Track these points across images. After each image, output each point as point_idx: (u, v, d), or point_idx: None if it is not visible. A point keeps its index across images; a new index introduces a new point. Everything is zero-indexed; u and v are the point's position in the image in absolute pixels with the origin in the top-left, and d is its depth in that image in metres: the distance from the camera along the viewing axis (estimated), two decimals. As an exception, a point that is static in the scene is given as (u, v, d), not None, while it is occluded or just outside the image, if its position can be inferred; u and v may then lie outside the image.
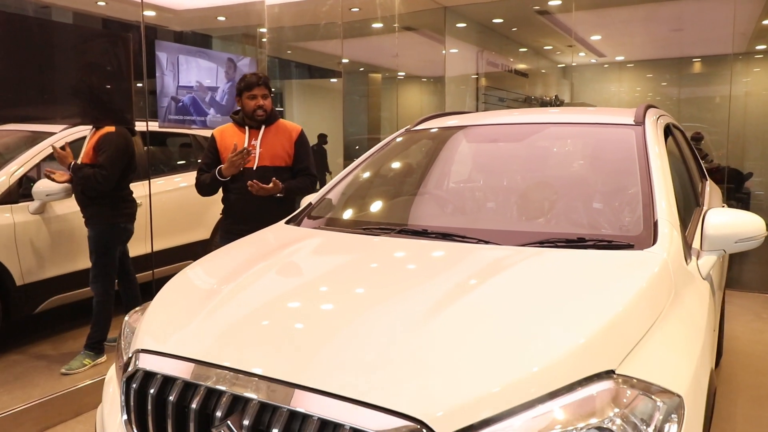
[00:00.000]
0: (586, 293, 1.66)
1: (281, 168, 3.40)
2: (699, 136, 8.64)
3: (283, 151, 3.41)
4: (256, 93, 3.33)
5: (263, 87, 3.35)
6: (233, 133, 3.42)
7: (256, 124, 3.39)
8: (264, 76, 3.40)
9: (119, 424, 1.68)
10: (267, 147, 3.37)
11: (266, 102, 3.36)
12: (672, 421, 1.36)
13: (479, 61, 9.36)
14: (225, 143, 3.39)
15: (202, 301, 1.83)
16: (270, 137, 3.40)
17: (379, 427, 1.26)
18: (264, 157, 3.36)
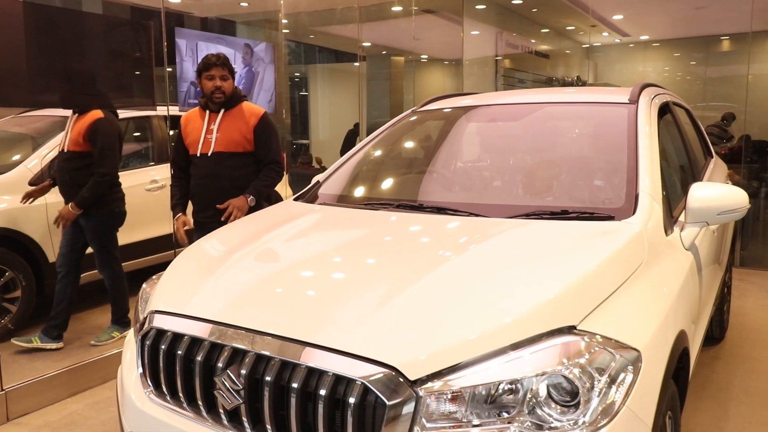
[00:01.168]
0: (559, 257, 1.79)
1: (238, 154, 3.23)
2: (730, 115, 8.48)
3: (240, 137, 3.22)
4: (214, 73, 3.16)
5: (222, 68, 3.17)
6: (196, 117, 3.29)
7: (215, 107, 3.23)
8: (223, 56, 3.22)
9: (135, 378, 1.87)
10: (224, 132, 3.21)
11: (225, 84, 3.18)
12: (627, 372, 1.49)
13: (498, 42, 9.35)
14: (187, 130, 3.29)
15: (211, 267, 2.01)
16: (229, 121, 3.23)
17: (358, 374, 1.42)
18: (220, 142, 3.19)
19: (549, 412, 1.41)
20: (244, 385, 1.53)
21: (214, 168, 3.19)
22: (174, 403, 1.72)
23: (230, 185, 3.19)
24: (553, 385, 1.43)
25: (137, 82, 3.95)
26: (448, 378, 1.41)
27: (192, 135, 3.25)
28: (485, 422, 1.40)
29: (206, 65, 3.17)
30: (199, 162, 3.22)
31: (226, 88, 3.19)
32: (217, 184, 3.19)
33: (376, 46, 11.28)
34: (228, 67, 3.21)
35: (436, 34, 9.66)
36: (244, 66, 4.82)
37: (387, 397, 1.38)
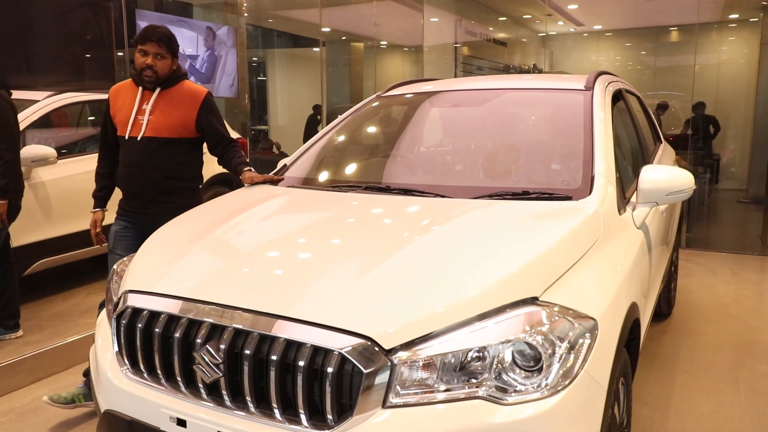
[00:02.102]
0: (521, 234, 1.90)
1: (173, 141, 2.85)
2: (664, 104, 8.89)
3: (178, 122, 2.85)
4: (148, 49, 2.78)
5: (159, 44, 2.78)
6: (127, 91, 2.91)
7: (150, 85, 2.85)
8: (165, 31, 2.82)
9: (111, 357, 1.90)
10: (159, 115, 2.83)
11: (160, 63, 2.79)
12: (585, 339, 1.61)
13: (458, 30, 9.48)
14: (116, 104, 2.90)
15: (183, 248, 2.04)
16: (165, 103, 2.85)
17: (336, 345, 1.49)
18: (153, 126, 2.82)
19: (514, 376, 1.52)
20: (224, 359, 1.58)
21: (143, 155, 2.82)
22: (152, 379, 1.76)
23: (161, 175, 2.85)
24: (517, 352, 1.54)
25: (96, 65, 3.87)
26: (420, 347, 1.50)
27: (121, 113, 2.87)
28: (455, 387, 1.50)
29: (143, 37, 2.79)
30: (127, 146, 2.86)
31: (159, 68, 2.79)
32: (145, 174, 2.84)
33: (336, 31, 11.24)
34: (167, 46, 2.81)
35: (396, 20, 9.70)
36: (206, 49, 4.77)
37: (363, 366, 1.45)
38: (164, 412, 1.68)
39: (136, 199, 2.92)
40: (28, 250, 4.27)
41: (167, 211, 2.79)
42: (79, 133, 5.15)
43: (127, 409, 1.78)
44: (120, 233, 2.95)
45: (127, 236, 2.94)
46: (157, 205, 2.89)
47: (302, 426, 1.51)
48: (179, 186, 2.93)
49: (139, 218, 2.93)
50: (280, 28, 12.38)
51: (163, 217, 2.76)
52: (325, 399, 1.48)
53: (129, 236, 2.94)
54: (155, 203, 2.90)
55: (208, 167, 5.82)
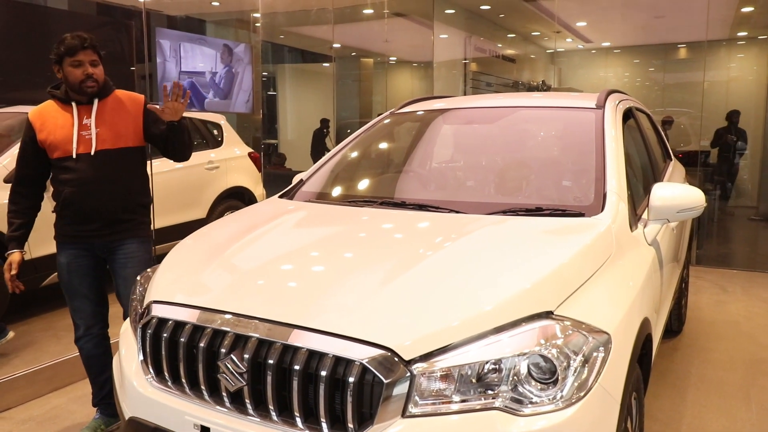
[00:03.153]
0: (536, 249, 1.95)
1: (128, 150, 2.72)
2: (669, 119, 8.95)
3: (127, 129, 2.71)
4: (81, 59, 2.58)
5: (90, 51, 2.60)
6: (56, 112, 2.66)
7: (85, 98, 2.65)
8: (90, 37, 2.63)
9: (136, 365, 1.95)
10: (107, 125, 2.66)
11: (97, 70, 2.63)
12: (599, 352, 1.65)
13: (467, 46, 9.59)
14: (46, 127, 2.64)
15: (206, 259, 2.10)
16: (107, 113, 2.68)
17: (357, 355, 1.53)
18: (104, 138, 2.65)
19: (529, 388, 1.56)
20: (247, 368, 1.63)
21: (101, 170, 2.63)
22: (176, 387, 1.81)
23: (122, 190, 2.70)
24: (533, 365, 1.58)
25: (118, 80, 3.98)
26: (439, 358, 1.54)
27: (57, 134, 2.63)
28: (472, 398, 1.54)
29: (72, 48, 2.57)
30: (77, 165, 2.62)
31: (98, 75, 2.63)
32: (105, 190, 2.65)
33: (346, 47, 11.39)
34: (97, 51, 2.65)
35: (406, 36, 9.84)
36: (223, 66, 4.88)
37: (384, 376, 1.50)
38: (188, 420, 1.72)
39: (90, 222, 2.67)
40: (47, 261, 4.35)
41: (126, 229, 2.72)
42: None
43: (151, 416, 1.83)
44: (74, 264, 2.72)
45: (82, 265, 2.74)
46: (117, 224, 2.71)
47: (324, 435, 1.55)
48: (138, 202, 2.78)
49: (94, 242, 2.71)
50: (291, 43, 12.55)
51: (122, 237, 2.71)
52: (346, 408, 1.53)
53: (84, 265, 2.74)
54: (114, 223, 2.70)
55: (219, 181, 5.98)
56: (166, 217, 5.26)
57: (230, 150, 6.25)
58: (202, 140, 6.09)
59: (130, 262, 2.75)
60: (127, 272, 2.74)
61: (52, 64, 2.63)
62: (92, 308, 2.81)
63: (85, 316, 2.81)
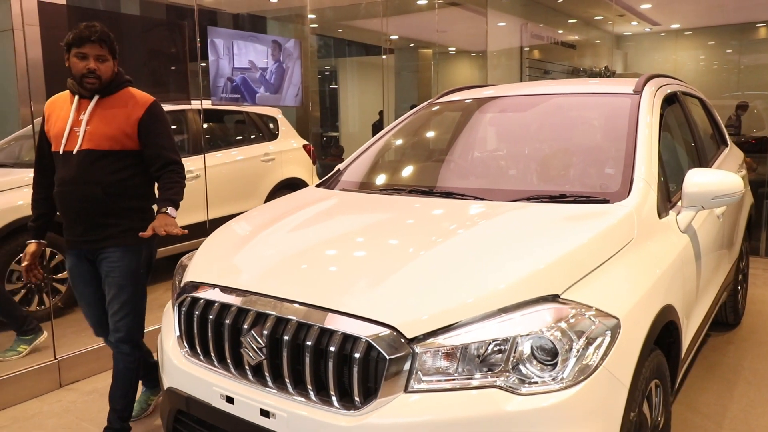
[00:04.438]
0: (550, 234, 1.97)
1: (113, 153, 2.51)
2: (744, 104, 8.48)
3: (118, 131, 2.51)
4: (87, 51, 2.43)
5: (99, 45, 2.44)
6: (63, 103, 2.56)
7: (87, 93, 2.51)
8: (104, 31, 2.47)
9: (173, 341, 2.12)
10: (97, 124, 2.49)
11: (103, 66, 2.46)
12: (606, 336, 1.66)
13: (523, 33, 9.42)
14: (52, 118, 2.56)
15: (238, 245, 2.24)
16: (105, 111, 2.52)
17: (362, 333, 1.62)
18: (91, 137, 2.48)
19: (531, 369, 1.60)
20: (266, 344, 1.76)
21: (80, 171, 2.47)
22: (206, 361, 1.96)
23: (102, 192, 2.49)
24: (535, 346, 1.62)
25: (173, 78, 4.20)
26: (442, 337, 1.61)
27: (56, 126, 2.52)
28: (474, 376, 1.60)
29: (78, 39, 2.43)
30: (62, 162, 2.50)
31: (102, 72, 2.47)
32: (84, 192, 2.48)
33: (404, 38, 11.44)
34: (109, 46, 2.49)
35: (460, 26, 9.77)
36: (274, 62, 5.06)
37: (387, 352, 1.58)
38: (215, 390, 1.87)
39: (75, 226, 2.54)
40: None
41: (111, 236, 2.54)
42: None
43: (185, 386, 1.99)
44: (74, 270, 2.64)
45: (83, 271, 2.62)
46: (100, 229, 2.53)
47: (333, 407, 1.65)
48: (127, 206, 2.56)
49: (81, 248, 2.57)
50: (350, 37, 12.72)
51: (105, 244, 2.54)
52: (352, 382, 1.62)
53: (85, 271, 2.62)
54: (98, 228, 2.53)
55: (275, 173, 6.19)
56: (223, 207, 5.50)
57: (286, 142, 6.46)
58: (259, 134, 6.33)
59: (113, 272, 2.55)
60: (110, 281, 2.57)
61: (64, 53, 2.49)
62: (99, 317, 2.70)
63: (94, 323, 2.74)
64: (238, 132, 6.49)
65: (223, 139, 6.27)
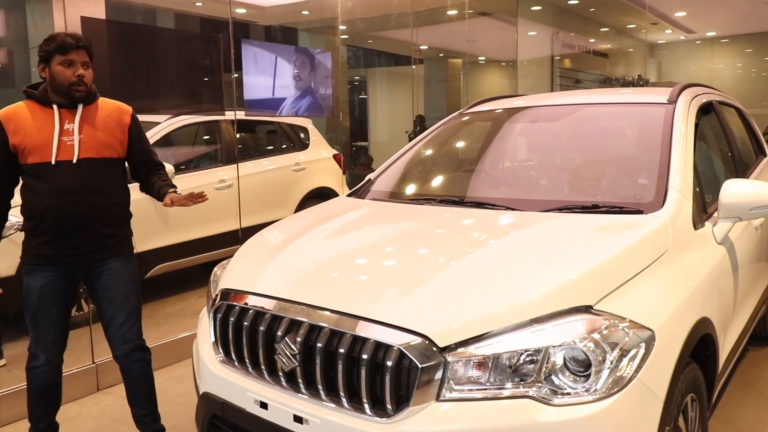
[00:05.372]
0: (583, 244, 1.96)
1: (110, 160, 2.54)
2: None
3: (112, 138, 2.54)
4: (74, 58, 2.41)
5: (84, 51, 2.44)
6: (32, 114, 2.45)
7: (69, 102, 2.47)
8: (86, 38, 2.47)
9: (208, 346, 2.17)
10: (91, 132, 2.49)
11: (88, 74, 2.45)
12: (640, 348, 1.64)
13: (554, 43, 9.37)
14: (20, 130, 2.42)
15: (271, 254, 2.28)
16: (92, 120, 2.50)
17: (394, 341, 1.64)
18: (87, 146, 2.47)
19: (564, 380, 1.60)
20: (300, 351, 1.79)
21: (84, 180, 2.45)
22: (240, 367, 2.00)
23: (105, 202, 2.51)
24: (568, 357, 1.61)
25: (207, 90, 4.30)
26: (474, 347, 1.62)
27: (34, 137, 2.42)
28: (506, 386, 1.60)
29: (65, 46, 2.40)
30: (56, 173, 2.43)
31: (88, 79, 2.46)
32: (89, 202, 2.46)
33: (433, 48, 11.47)
34: (90, 53, 2.48)
35: (491, 36, 9.77)
36: (304, 72, 5.14)
37: (420, 361, 1.60)
38: (249, 396, 1.91)
39: (71, 238, 2.46)
40: (148, 255, 4.80)
41: (111, 246, 2.54)
42: (194, 151, 5.70)
43: (220, 392, 2.03)
44: (47, 288, 2.49)
45: (56, 289, 2.51)
46: (100, 240, 2.51)
47: (366, 414, 1.67)
48: (123, 214, 2.61)
49: (72, 261, 2.50)
50: (379, 48, 12.81)
51: (105, 254, 2.52)
52: (384, 390, 1.64)
53: (59, 289, 2.51)
54: (98, 238, 2.51)
55: (305, 182, 6.27)
56: (255, 216, 5.59)
57: (316, 152, 6.54)
58: (290, 143, 6.42)
59: (116, 283, 2.56)
60: (112, 293, 2.56)
61: (38, 62, 2.44)
62: (56, 337, 2.56)
63: (48, 346, 2.55)
64: (270, 142, 6.60)
65: (255, 149, 6.38)
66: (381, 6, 8.39)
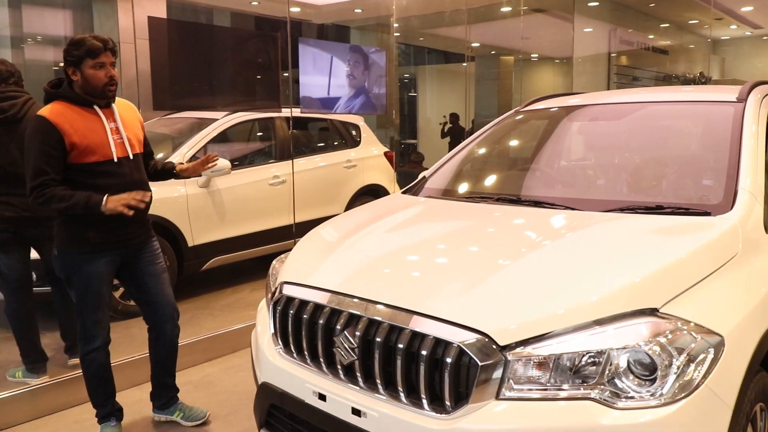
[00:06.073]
0: (648, 246, 1.91)
1: (141, 155, 2.80)
2: None
3: (141, 134, 2.82)
4: (104, 60, 2.55)
5: (110, 53, 2.58)
6: (78, 114, 2.57)
7: (104, 102, 2.63)
8: (111, 40, 2.61)
9: (268, 338, 2.22)
10: (130, 130, 2.72)
11: (115, 72, 2.62)
12: (708, 354, 1.59)
13: (611, 39, 9.13)
14: (76, 130, 2.53)
15: (330, 248, 2.32)
16: (123, 118, 2.71)
17: (455, 338, 1.64)
18: (132, 142, 2.71)
19: (628, 383, 1.56)
20: (358, 345, 1.81)
21: (136, 173, 2.71)
22: (299, 358, 2.04)
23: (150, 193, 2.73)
24: (632, 360, 1.58)
25: (264, 88, 4.39)
26: (535, 346, 1.60)
27: (89, 137, 2.55)
28: (567, 387, 1.58)
29: (93, 51, 2.52)
30: (117, 170, 2.62)
31: (116, 79, 2.63)
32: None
33: (485, 46, 11.36)
34: (115, 53, 2.62)
35: (545, 32, 9.60)
36: (358, 70, 5.18)
37: (479, 359, 1.59)
38: (308, 387, 1.94)
39: (126, 227, 2.69)
40: (205, 248, 4.94)
41: (147, 230, 2.83)
42: (248, 147, 5.83)
43: (279, 382, 2.08)
44: (107, 273, 2.71)
45: (111, 273, 2.74)
46: (142, 226, 2.79)
47: (424, 409, 1.68)
48: (149, 203, 2.73)
49: (127, 246, 2.73)
50: (430, 45, 12.77)
51: (147, 236, 2.82)
52: (443, 386, 1.64)
53: (109, 274, 2.73)
54: (141, 224, 2.78)
55: (356, 179, 6.32)
56: (307, 211, 5.68)
57: (368, 149, 6.59)
58: (342, 140, 6.48)
59: (156, 259, 2.86)
60: (155, 269, 2.84)
61: (67, 65, 2.55)
62: (108, 319, 2.81)
63: (104, 327, 2.76)
64: (322, 139, 6.68)
65: (307, 145, 6.47)
66: (435, 3, 8.37)
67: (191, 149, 5.00)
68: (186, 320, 4.43)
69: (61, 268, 2.70)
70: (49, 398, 3.21)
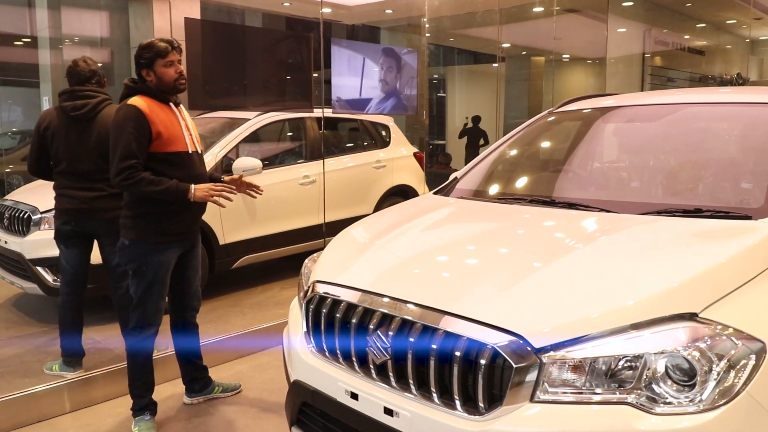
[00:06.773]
0: (686, 250, 1.88)
1: None
2: None
3: (198, 135, 2.99)
4: (173, 59, 2.75)
5: (176, 52, 2.77)
6: (159, 108, 2.76)
7: (174, 98, 2.86)
8: (175, 40, 2.80)
9: (300, 336, 2.24)
10: (193, 129, 2.92)
11: (182, 69, 2.81)
12: (749, 360, 1.56)
13: (646, 39, 8.97)
14: (161, 121, 2.71)
15: (362, 248, 2.33)
16: (187, 119, 2.92)
17: (489, 340, 1.63)
18: (196, 139, 2.92)
19: (665, 388, 1.54)
20: (391, 345, 1.81)
21: (203, 168, 2.93)
22: (331, 357, 2.05)
23: None
24: (671, 365, 1.55)
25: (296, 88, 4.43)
26: (571, 349, 1.59)
27: (171, 129, 2.76)
28: (603, 391, 1.56)
29: (162, 51, 2.72)
30: (190, 162, 2.82)
31: (184, 74, 2.83)
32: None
33: (516, 46, 11.27)
34: (180, 51, 2.81)
35: (578, 33, 9.48)
36: (390, 71, 5.19)
37: (514, 361, 1.58)
38: (341, 386, 1.95)
39: (194, 218, 2.90)
40: (236, 246, 5.00)
41: (199, 228, 3.00)
42: (279, 147, 5.89)
43: (311, 380, 2.09)
44: (170, 264, 2.88)
45: (173, 265, 2.90)
46: (198, 219, 2.97)
47: (457, 411, 1.68)
48: None
49: (188, 241, 2.92)
50: (461, 45, 12.71)
51: (199, 235, 3.01)
52: (477, 388, 1.64)
53: (173, 264, 2.90)
54: (199, 217, 2.95)
55: (386, 179, 6.33)
56: (337, 211, 5.71)
57: (397, 150, 6.59)
58: (372, 141, 6.50)
59: (199, 253, 3.06)
60: (198, 262, 3.05)
61: (140, 68, 2.74)
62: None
63: (161, 316, 2.90)
64: (352, 139, 6.71)
65: (337, 146, 6.50)
66: (467, 3, 8.33)
67: (223, 149, 5.07)
68: (216, 318, 4.51)
69: (132, 258, 2.80)
70: (85, 392, 3.29)
